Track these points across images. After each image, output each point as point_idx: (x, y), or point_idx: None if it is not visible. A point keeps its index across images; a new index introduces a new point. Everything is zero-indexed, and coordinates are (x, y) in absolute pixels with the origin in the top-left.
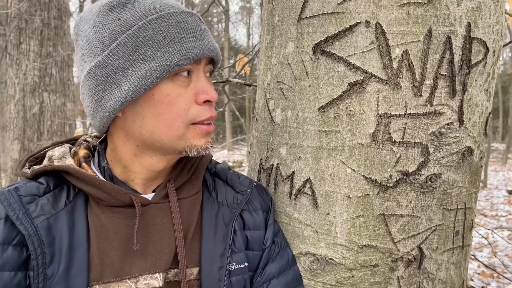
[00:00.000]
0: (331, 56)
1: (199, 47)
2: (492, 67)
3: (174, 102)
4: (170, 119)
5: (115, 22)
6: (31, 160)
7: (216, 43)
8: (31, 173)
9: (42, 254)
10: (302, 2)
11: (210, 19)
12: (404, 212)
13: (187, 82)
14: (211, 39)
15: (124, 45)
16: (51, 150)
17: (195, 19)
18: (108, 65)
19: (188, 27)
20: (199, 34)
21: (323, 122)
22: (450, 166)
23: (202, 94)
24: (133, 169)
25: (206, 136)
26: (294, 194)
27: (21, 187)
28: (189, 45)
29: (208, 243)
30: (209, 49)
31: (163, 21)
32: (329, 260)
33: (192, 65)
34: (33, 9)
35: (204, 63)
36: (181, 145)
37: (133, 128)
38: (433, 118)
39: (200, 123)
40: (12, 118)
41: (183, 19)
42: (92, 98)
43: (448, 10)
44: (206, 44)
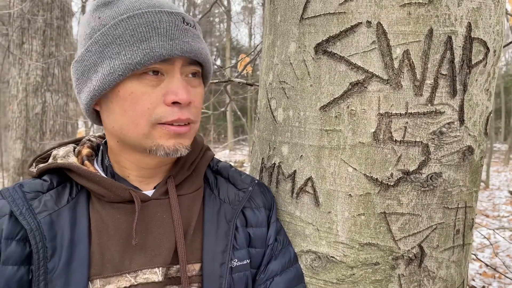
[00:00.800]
0: (333, 56)
1: (168, 47)
2: (492, 67)
3: (138, 101)
4: (135, 117)
5: (96, 20)
6: (38, 160)
7: (199, 44)
8: (36, 171)
9: (43, 248)
10: (304, 3)
11: (211, 19)
12: (405, 210)
13: (155, 82)
14: (190, 38)
15: (97, 42)
16: (56, 150)
17: (173, 19)
18: (84, 61)
19: (160, 26)
20: (173, 34)
21: (325, 121)
22: (451, 165)
23: (171, 95)
24: (124, 165)
25: (175, 137)
26: (295, 192)
27: (25, 184)
28: (156, 45)
29: (210, 240)
30: (182, 49)
31: (134, 20)
32: (330, 258)
33: (162, 65)
34: (36, 9)
35: (180, 64)
36: (148, 144)
37: (108, 123)
38: (433, 117)
39: (167, 123)
40: (15, 118)
41: (157, 18)
42: (76, 90)
43: (448, 11)
44: (178, 44)
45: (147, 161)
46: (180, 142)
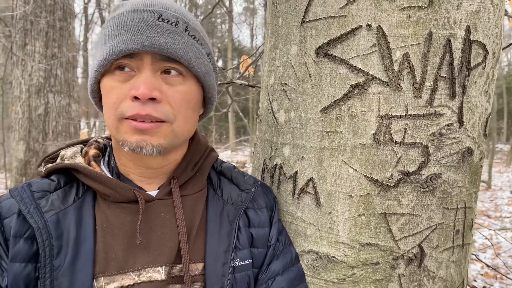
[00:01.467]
0: (334, 58)
1: (129, 41)
2: (491, 69)
3: (108, 95)
4: (107, 110)
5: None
6: (47, 160)
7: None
8: (44, 171)
9: (50, 246)
10: (305, 6)
11: (213, 20)
12: (405, 211)
13: (123, 77)
14: (158, 34)
15: (94, 46)
16: (64, 150)
17: (146, 16)
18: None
19: (130, 23)
20: (138, 30)
21: (326, 123)
22: (450, 166)
23: (132, 90)
24: (123, 163)
25: (138, 134)
26: (297, 193)
27: (34, 183)
28: (118, 40)
29: (213, 240)
30: (142, 44)
31: (113, 20)
32: (331, 258)
33: (130, 61)
34: (39, 10)
35: (149, 60)
36: (118, 138)
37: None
38: (433, 119)
39: (130, 118)
40: (18, 119)
41: (131, 16)
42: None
43: (448, 14)
44: (140, 39)
45: (141, 160)
46: (144, 139)
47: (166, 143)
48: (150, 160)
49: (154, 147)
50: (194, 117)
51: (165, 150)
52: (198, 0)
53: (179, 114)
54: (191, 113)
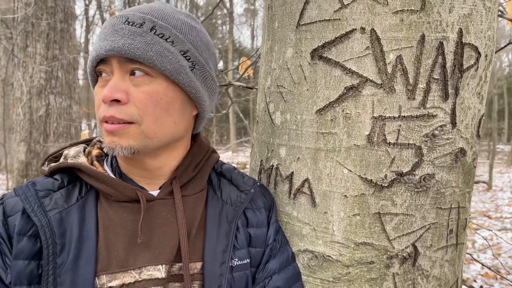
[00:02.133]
0: (328, 61)
1: (97, 48)
2: (484, 71)
3: (95, 100)
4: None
5: None
6: (50, 159)
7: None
8: (48, 170)
9: (53, 244)
10: (300, 9)
11: (214, 21)
12: (399, 211)
13: (102, 82)
14: (120, 37)
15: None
16: (67, 150)
17: (114, 21)
18: None
19: (104, 31)
20: (106, 35)
21: (321, 124)
22: (444, 167)
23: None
24: (123, 164)
25: (110, 135)
26: (293, 193)
27: (38, 182)
28: (93, 48)
29: (211, 239)
30: (105, 48)
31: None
32: (326, 257)
33: (103, 66)
34: (40, 12)
35: (116, 63)
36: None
37: None
38: (426, 120)
39: (103, 121)
40: (19, 120)
41: (105, 24)
42: None
43: (440, 17)
44: (104, 44)
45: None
46: (113, 140)
47: (137, 144)
48: (141, 162)
49: (123, 148)
50: (171, 118)
51: (139, 151)
52: (198, 1)
53: (146, 114)
54: (163, 113)
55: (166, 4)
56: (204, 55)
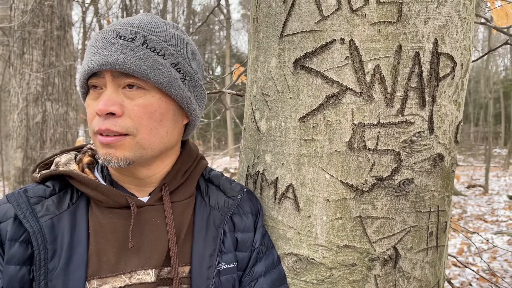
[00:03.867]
0: (310, 70)
1: (90, 62)
2: (460, 79)
3: (87, 112)
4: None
5: None
6: (41, 166)
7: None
8: (39, 177)
9: (44, 250)
10: (283, 21)
11: (211, 26)
12: (379, 214)
13: (95, 95)
14: (113, 51)
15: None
16: (59, 157)
17: (105, 35)
18: None
19: (95, 45)
20: (99, 49)
21: (303, 131)
22: (422, 172)
23: (96, 107)
24: (114, 172)
25: (105, 147)
26: (278, 198)
27: (29, 189)
28: (85, 62)
29: (199, 244)
30: (98, 63)
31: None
32: (310, 260)
33: (96, 80)
34: (36, 20)
35: (110, 77)
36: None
37: None
38: (404, 127)
39: (97, 133)
40: (15, 127)
41: (96, 38)
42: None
43: (416, 28)
44: (97, 58)
45: (132, 170)
46: (109, 152)
47: (132, 155)
48: (133, 171)
49: (119, 159)
50: (165, 128)
51: (135, 162)
52: (195, 7)
53: (141, 126)
54: (157, 124)
55: (153, 16)
56: (192, 65)
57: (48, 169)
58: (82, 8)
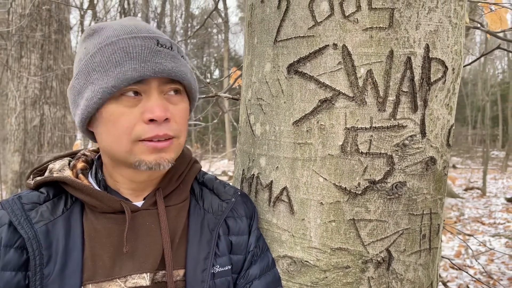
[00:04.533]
0: (303, 75)
1: (140, 69)
2: (452, 83)
3: (118, 120)
4: (117, 136)
5: (83, 51)
6: (35, 172)
7: (173, 63)
8: (34, 184)
9: (40, 256)
10: (277, 26)
11: (210, 30)
12: (373, 217)
13: (133, 102)
14: (163, 59)
15: (82, 70)
16: (52, 163)
17: (146, 42)
18: (74, 88)
19: (133, 51)
20: (145, 56)
21: (297, 135)
22: (415, 175)
23: (147, 113)
24: (116, 179)
25: (156, 152)
26: (272, 201)
27: (24, 195)
28: (128, 68)
29: (193, 247)
30: (153, 70)
31: (110, 47)
32: (304, 263)
33: (139, 86)
34: (34, 23)
35: (156, 84)
36: (131, 160)
37: (99, 142)
38: (396, 130)
39: (146, 140)
40: (13, 131)
41: (130, 43)
42: (72, 114)
43: (407, 34)
44: (150, 66)
45: (137, 175)
46: (161, 156)
47: (174, 156)
48: (147, 175)
49: (169, 162)
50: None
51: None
52: (194, 10)
53: (182, 129)
54: (187, 126)
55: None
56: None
57: (42, 175)
58: (80, 12)
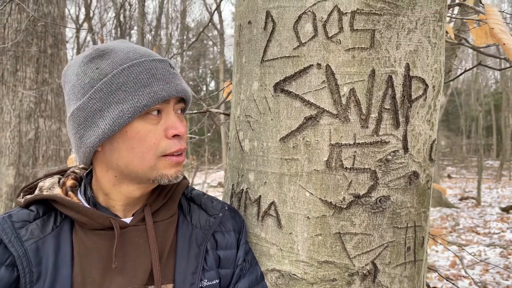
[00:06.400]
0: (289, 93)
1: (167, 89)
2: (433, 100)
3: (145, 138)
4: (142, 152)
5: (94, 71)
6: (25, 190)
7: (184, 84)
8: (24, 202)
9: (30, 273)
10: (264, 47)
11: (205, 42)
12: (358, 230)
13: (157, 120)
14: (179, 81)
15: (101, 90)
16: (42, 181)
17: (164, 65)
18: (87, 108)
19: (157, 72)
20: (167, 78)
21: (284, 151)
22: (398, 189)
23: (172, 129)
24: (112, 196)
25: (176, 166)
26: (261, 216)
27: (14, 214)
28: (157, 88)
29: (182, 262)
30: (177, 90)
31: (135, 68)
32: (292, 276)
33: (161, 105)
34: (30, 37)
35: (173, 103)
36: (153, 175)
37: (111, 160)
38: (379, 146)
39: (170, 154)
40: (8, 144)
41: (153, 66)
42: (75, 136)
43: (388, 53)
44: (173, 87)
45: (135, 191)
46: (179, 169)
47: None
48: (143, 190)
49: (182, 174)
50: None
51: None
52: (189, 23)
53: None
54: None
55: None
56: None
57: (32, 193)
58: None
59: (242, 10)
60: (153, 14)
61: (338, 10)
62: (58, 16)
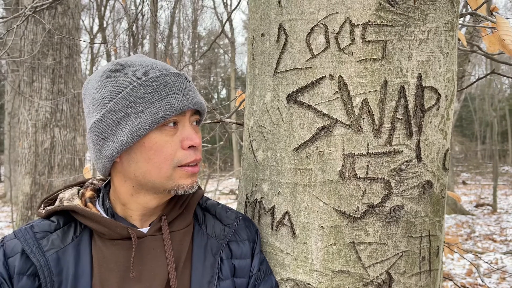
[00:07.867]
0: (302, 104)
1: (183, 102)
2: (446, 109)
3: (162, 149)
4: (159, 163)
5: (113, 84)
6: (46, 201)
7: (200, 97)
8: (45, 213)
9: (51, 282)
10: (276, 59)
11: (216, 50)
12: (372, 240)
13: (173, 131)
14: (195, 94)
15: (120, 103)
16: (62, 193)
17: (180, 79)
18: (107, 120)
19: (174, 85)
20: (183, 91)
21: (298, 161)
22: (412, 198)
23: (187, 141)
24: (130, 206)
25: (192, 177)
26: (275, 225)
27: (35, 225)
28: (174, 101)
29: (197, 271)
30: (192, 102)
31: (152, 82)
32: (307, 285)
33: (178, 117)
34: (46, 49)
35: (189, 114)
36: (170, 185)
37: (129, 171)
38: (393, 156)
39: (185, 165)
40: (24, 154)
41: (170, 79)
42: (95, 147)
43: (400, 64)
44: (189, 99)
45: (152, 201)
46: (194, 179)
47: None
48: (159, 200)
49: (197, 184)
50: None
51: None
52: (201, 31)
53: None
54: None
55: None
56: None
57: (52, 204)
58: (90, 35)
59: (255, 23)
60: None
61: (350, 22)
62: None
